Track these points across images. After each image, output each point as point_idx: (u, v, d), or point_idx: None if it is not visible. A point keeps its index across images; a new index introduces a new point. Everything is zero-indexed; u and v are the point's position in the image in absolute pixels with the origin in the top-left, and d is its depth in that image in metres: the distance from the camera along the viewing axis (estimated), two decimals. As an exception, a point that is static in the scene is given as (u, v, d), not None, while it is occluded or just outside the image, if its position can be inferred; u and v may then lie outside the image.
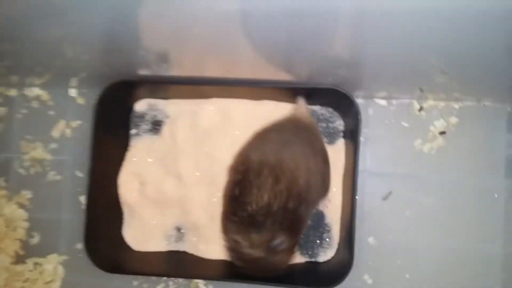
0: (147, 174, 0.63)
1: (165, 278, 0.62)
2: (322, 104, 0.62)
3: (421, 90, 0.59)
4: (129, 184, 0.64)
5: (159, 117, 0.65)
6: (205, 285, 0.62)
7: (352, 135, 0.58)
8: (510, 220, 0.58)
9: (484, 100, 0.60)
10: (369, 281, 0.59)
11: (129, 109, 0.66)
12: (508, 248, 0.57)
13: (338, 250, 0.60)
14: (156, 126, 0.65)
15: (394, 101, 0.62)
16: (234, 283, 0.60)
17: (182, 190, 0.62)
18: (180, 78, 0.60)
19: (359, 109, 0.56)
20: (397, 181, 0.61)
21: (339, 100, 0.58)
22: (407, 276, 0.59)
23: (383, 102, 0.62)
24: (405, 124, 0.61)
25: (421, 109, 0.61)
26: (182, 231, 0.63)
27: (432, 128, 0.61)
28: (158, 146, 0.64)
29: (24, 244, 0.65)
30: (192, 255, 0.62)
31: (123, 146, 0.65)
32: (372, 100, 0.62)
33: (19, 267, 0.64)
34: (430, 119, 0.61)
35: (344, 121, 0.62)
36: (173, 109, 0.65)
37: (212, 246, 0.61)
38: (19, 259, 0.65)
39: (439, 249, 0.59)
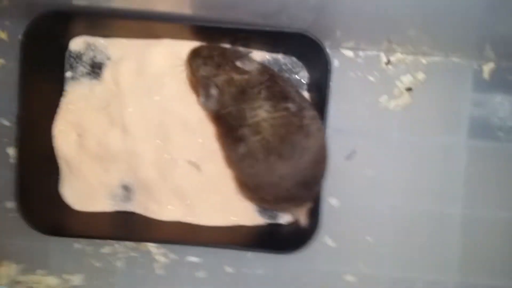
0: (87, 124, 0.56)
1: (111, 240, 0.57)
2: (285, 52, 0.57)
3: (389, 41, 0.55)
4: (65, 135, 0.56)
5: (99, 59, 0.57)
6: (157, 248, 0.57)
7: (318, 89, 0.54)
8: (470, 181, 0.57)
9: (452, 56, 0.58)
10: (332, 244, 0.58)
11: (63, 47, 0.56)
12: (467, 209, 0.58)
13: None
14: (95, 69, 0.57)
15: (361, 53, 0.57)
16: (188, 247, 0.56)
17: (129, 143, 0.55)
18: (125, 11, 0.52)
19: (329, 58, 0.52)
20: (361, 139, 0.58)
21: (306, 48, 0.53)
22: (368, 238, 0.58)
23: (350, 53, 0.57)
24: (371, 79, 0.58)
25: (388, 62, 0.58)
26: (129, 189, 0.57)
27: (399, 83, 0.58)
28: (99, 93, 0.56)
29: None
30: (141, 216, 0.56)
31: (57, 90, 0.56)
32: (338, 51, 0.57)
33: None
34: (397, 74, 0.58)
35: (309, 73, 0.57)
36: (116, 50, 0.56)
37: (164, 206, 0.56)
38: None
39: (401, 210, 0.58)
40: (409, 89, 0.58)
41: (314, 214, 0.53)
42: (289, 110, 0.48)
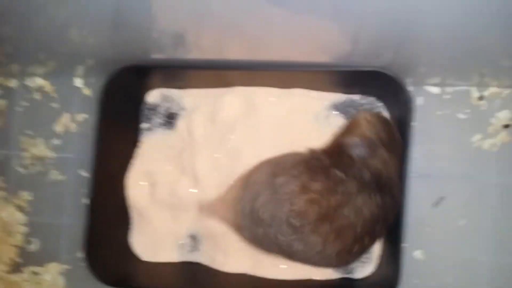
0: (159, 173, 0.56)
1: (178, 292, 0.54)
2: (363, 93, 0.53)
3: (481, 74, 0.50)
4: (138, 185, 0.56)
5: (174, 110, 0.58)
6: (222, 301, 0.53)
7: (399, 130, 0.49)
8: None
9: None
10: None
11: (139, 100, 0.58)
12: None
13: (379, 265, 0.51)
14: (170, 119, 0.58)
15: (448, 89, 0.52)
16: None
17: (199, 192, 0.54)
18: (198, 62, 0.53)
19: (411, 96, 0.47)
20: (451, 185, 0.51)
21: (385, 87, 0.50)
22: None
23: (435, 89, 0.53)
24: (462, 116, 0.52)
25: (481, 98, 0.52)
26: (197, 239, 0.55)
27: (493, 120, 0.51)
28: (172, 142, 0.57)
29: (21, 251, 0.58)
30: (208, 268, 0.54)
31: (132, 141, 0.57)
32: (422, 88, 0.53)
33: (15, 277, 0.58)
34: (492, 110, 0.52)
35: (390, 113, 0.53)
36: (190, 100, 0.57)
37: (231, 258, 0.53)
38: (15, 268, 0.58)
39: (497, 265, 0.50)
40: (506, 126, 0.51)
41: (395, 267, 0.46)
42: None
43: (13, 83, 0.61)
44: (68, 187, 0.58)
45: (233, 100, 0.55)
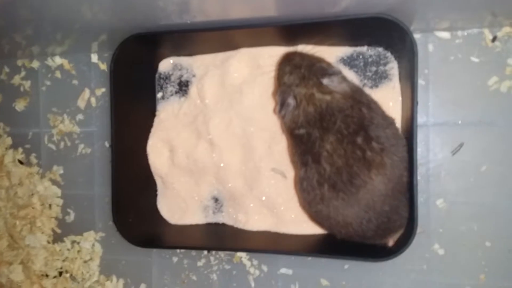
0: (177, 140, 0.57)
1: (205, 253, 0.56)
2: (370, 43, 0.52)
3: (494, 14, 0.47)
4: (158, 152, 0.58)
5: (185, 77, 0.59)
6: (249, 259, 0.56)
7: (408, 78, 0.48)
8: None
9: None
10: (440, 251, 0.50)
11: (152, 70, 0.59)
12: None
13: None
14: (182, 87, 0.59)
15: (459, 33, 0.50)
16: (280, 258, 0.54)
17: (216, 155, 0.56)
18: (204, 24, 0.52)
19: (414, 40, 0.45)
20: (469, 131, 0.50)
21: (391, 35, 0.48)
22: (487, 244, 0.49)
23: (445, 34, 0.51)
24: (476, 60, 0.50)
25: (494, 39, 0.49)
26: (219, 201, 0.57)
27: (510, 61, 0.49)
28: (187, 109, 0.58)
29: (60, 222, 0.62)
30: (231, 227, 0.56)
31: (149, 111, 0.59)
32: (431, 34, 0.51)
33: (57, 246, 0.62)
34: (507, 51, 0.49)
35: (399, 63, 0.51)
36: (200, 66, 0.58)
37: (252, 217, 0.55)
38: (57, 238, 0.62)
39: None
40: (524, 66, 0.49)
41: (411, 215, 0.46)
42: (355, 143, 0.45)
43: (35, 63, 0.64)
44: (96, 159, 0.61)
45: (239, 62, 0.55)
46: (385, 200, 0.45)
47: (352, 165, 0.44)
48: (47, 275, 0.61)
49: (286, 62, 0.50)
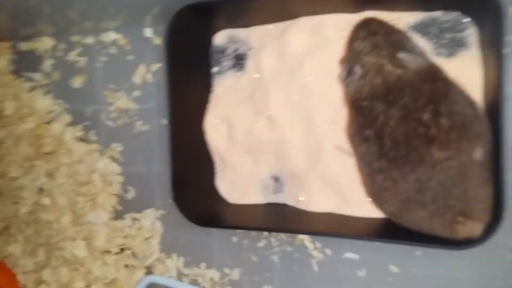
0: (235, 116, 0.55)
1: (266, 234, 0.55)
2: (445, 8, 0.47)
3: None
4: (216, 129, 0.56)
5: (242, 50, 0.56)
6: (312, 242, 0.53)
7: (491, 46, 0.43)
8: None
9: None
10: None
11: (207, 43, 0.57)
12: None
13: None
14: (239, 60, 0.56)
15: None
16: (345, 242, 0.52)
17: (275, 132, 0.53)
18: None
19: (503, 5, 0.40)
20: None
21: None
22: None
23: (534, -6, 0.44)
24: None
25: None
26: (280, 180, 0.55)
27: None
28: (244, 84, 0.55)
29: (121, 199, 0.62)
30: (293, 208, 0.53)
31: (205, 86, 0.57)
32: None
33: (118, 223, 0.62)
34: None
35: (480, 29, 0.46)
36: (256, 38, 0.55)
37: (315, 198, 0.52)
38: (118, 215, 0.62)
39: None
40: None
41: (498, 198, 0.42)
42: (420, 120, 0.41)
43: (89, 39, 0.63)
44: (154, 136, 0.60)
45: (300, 32, 0.52)
46: (445, 181, 0.41)
47: (412, 141, 0.41)
48: (109, 252, 0.62)
49: (362, 26, 0.47)
